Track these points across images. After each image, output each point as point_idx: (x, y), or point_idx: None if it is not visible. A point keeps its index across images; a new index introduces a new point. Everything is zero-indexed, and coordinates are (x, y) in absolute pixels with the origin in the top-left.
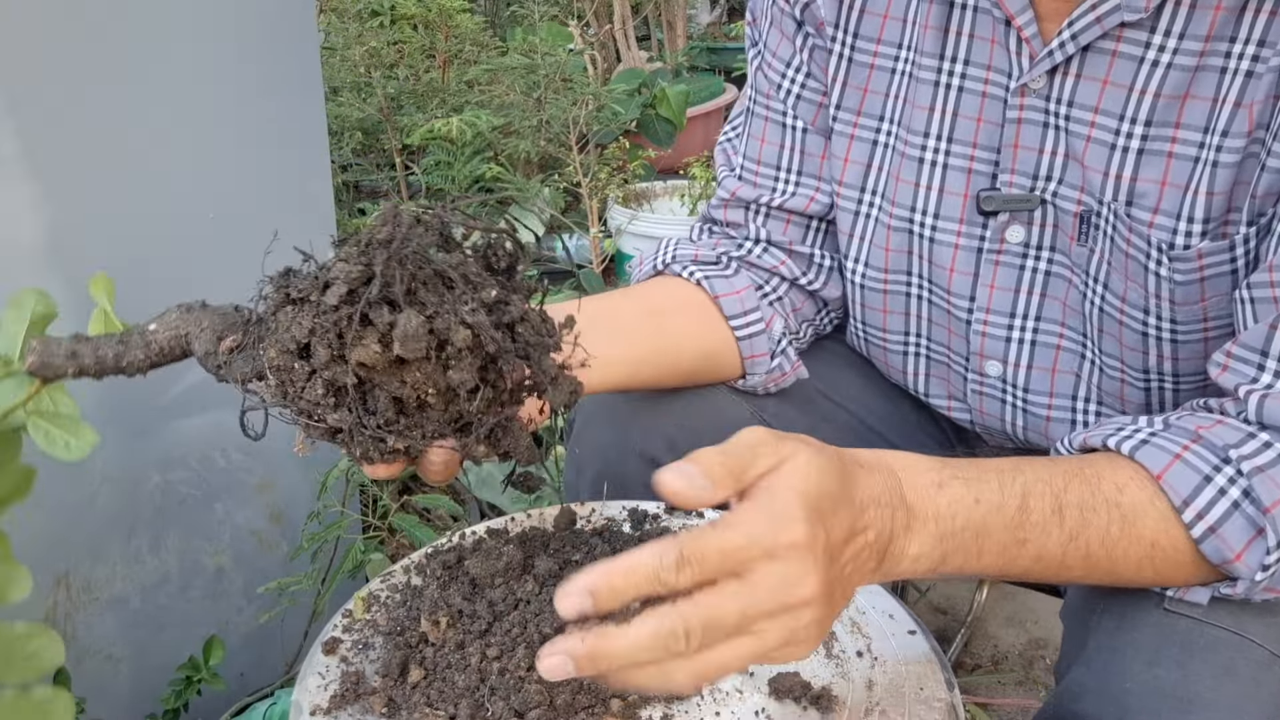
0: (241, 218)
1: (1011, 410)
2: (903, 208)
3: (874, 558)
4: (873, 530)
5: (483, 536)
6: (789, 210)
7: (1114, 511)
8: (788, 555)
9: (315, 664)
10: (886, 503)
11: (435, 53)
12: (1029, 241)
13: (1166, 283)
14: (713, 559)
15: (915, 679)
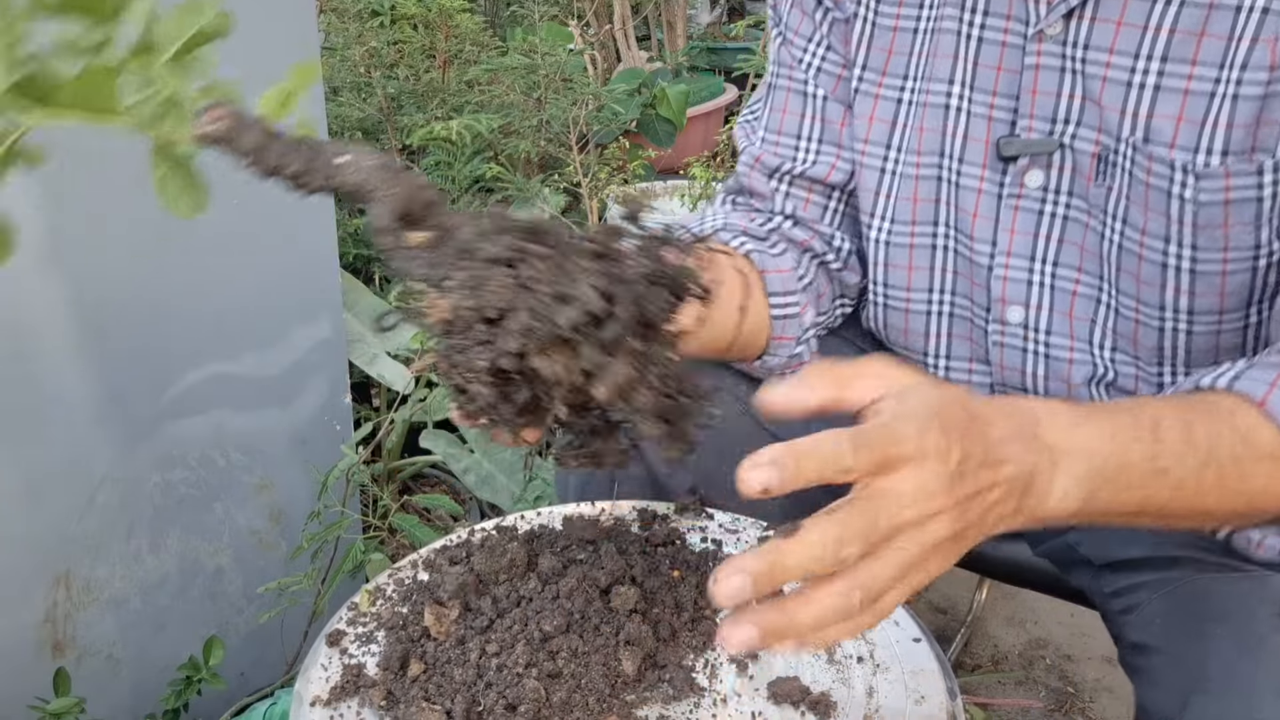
0: (241, 218)
1: (1033, 359)
2: (929, 154)
3: (1013, 497)
4: (1010, 466)
5: (491, 533)
6: (810, 179)
7: (1235, 433)
8: (930, 460)
9: (318, 655)
10: (1024, 440)
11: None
12: (1047, 185)
13: (1190, 205)
14: (881, 447)
15: (917, 687)
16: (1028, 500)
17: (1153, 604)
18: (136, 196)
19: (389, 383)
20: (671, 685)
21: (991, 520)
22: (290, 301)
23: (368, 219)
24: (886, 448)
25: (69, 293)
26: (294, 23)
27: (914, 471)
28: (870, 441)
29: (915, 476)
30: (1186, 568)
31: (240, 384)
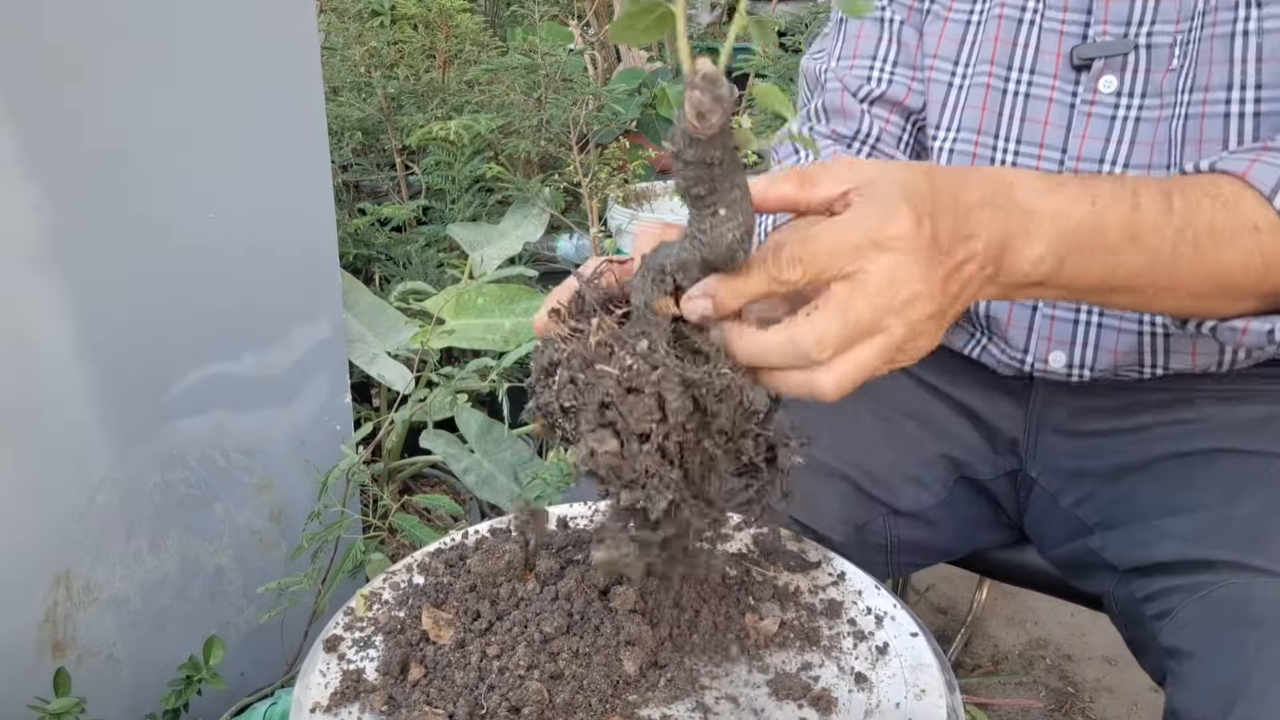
0: (241, 218)
1: None
2: (1000, 65)
3: (990, 263)
4: (982, 235)
5: (486, 535)
6: (889, 101)
7: (1216, 201)
8: (895, 245)
9: (316, 661)
10: (997, 205)
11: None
12: (1120, 89)
13: (1254, 37)
14: (821, 255)
15: (916, 682)
16: (1003, 265)
17: (1188, 608)
18: (136, 196)
19: (389, 383)
20: (674, 685)
21: (970, 291)
22: (290, 301)
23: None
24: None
25: (69, 293)
26: (294, 23)
27: (882, 260)
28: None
29: (884, 264)
30: (1221, 571)
31: (240, 384)
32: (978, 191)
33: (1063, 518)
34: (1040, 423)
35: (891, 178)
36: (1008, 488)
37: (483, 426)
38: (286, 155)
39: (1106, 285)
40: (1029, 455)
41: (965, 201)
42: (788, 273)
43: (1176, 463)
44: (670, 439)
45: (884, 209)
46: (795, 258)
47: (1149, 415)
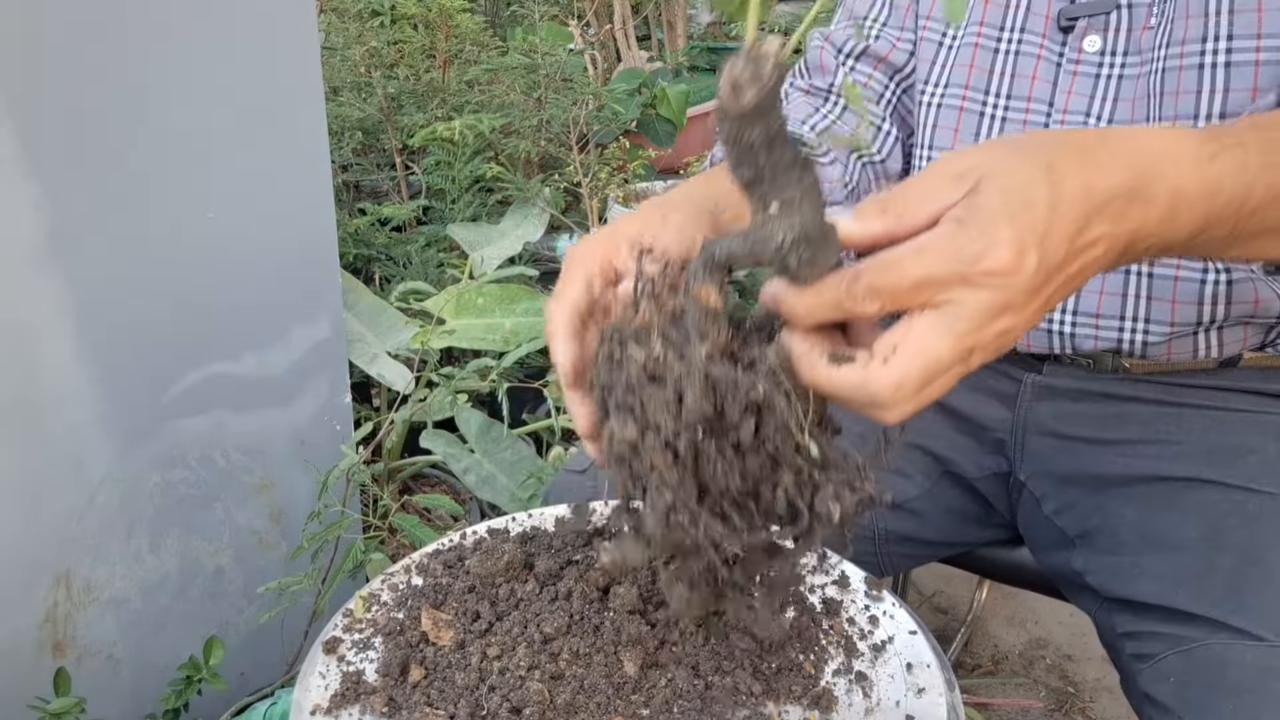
0: (241, 218)
1: None
2: (991, 26)
3: (1115, 253)
4: (1108, 236)
5: (483, 536)
6: (874, 57)
7: None
8: (989, 283)
9: (315, 663)
10: (1136, 195)
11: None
12: (1104, 49)
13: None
14: (903, 291)
15: (915, 680)
16: (1131, 253)
17: (1169, 660)
18: (137, 196)
19: (389, 383)
20: (673, 685)
21: (1080, 285)
22: (290, 301)
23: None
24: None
25: (69, 293)
26: (294, 23)
27: (971, 296)
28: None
29: (974, 301)
30: (1201, 626)
31: (240, 384)
32: (1118, 177)
33: (1046, 524)
34: (1027, 424)
35: (1001, 184)
36: (998, 488)
37: (483, 426)
38: (286, 155)
39: (1225, 242)
40: (1018, 458)
41: (1096, 196)
42: (863, 305)
43: (1157, 487)
44: (682, 439)
45: (983, 237)
46: (874, 289)
47: (1135, 428)
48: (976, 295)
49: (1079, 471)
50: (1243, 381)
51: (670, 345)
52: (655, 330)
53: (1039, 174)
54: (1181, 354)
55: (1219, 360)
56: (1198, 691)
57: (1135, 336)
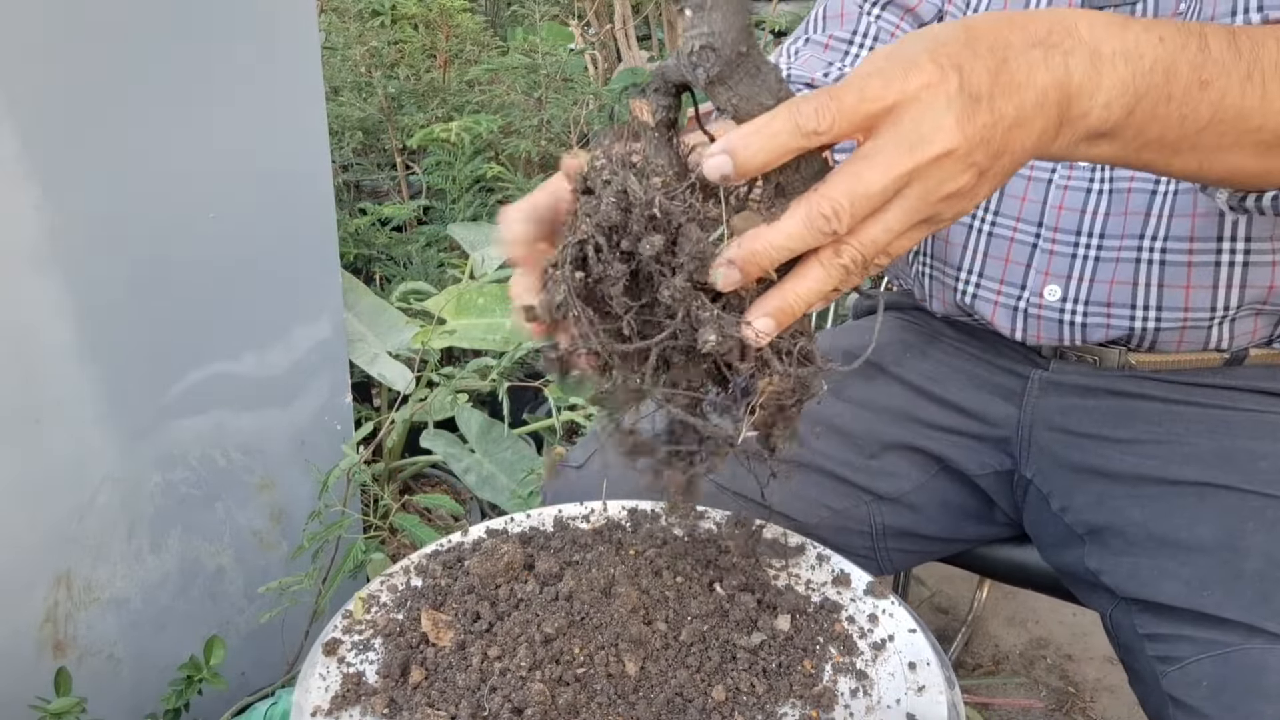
0: (242, 217)
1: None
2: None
3: (1048, 112)
4: (1036, 80)
5: (482, 536)
6: (901, 6)
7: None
8: (920, 97)
9: (315, 665)
10: (1054, 44)
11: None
12: None
13: None
14: (850, 104)
15: (915, 678)
16: (1068, 114)
17: (1201, 665)
18: (137, 196)
19: (390, 383)
20: (674, 686)
21: (1024, 145)
22: (290, 301)
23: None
24: (860, 102)
25: (69, 293)
26: (294, 23)
27: (903, 115)
28: (837, 96)
29: (904, 121)
30: (1234, 631)
31: (240, 384)
32: (1030, 31)
33: (1053, 521)
34: (1034, 420)
35: (921, 34)
36: (1000, 485)
37: (483, 426)
38: (286, 155)
39: (1175, 139)
40: (1023, 454)
41: (1012, 44)
42: (813, 122)
43: (1165, 489)
44: (589, 244)
45: (906, 63)
46: (821, 108)
47: (1142, 427)
48: (908, 114)
49: (1086, 467)
50: (1249, 381)
51: (612, 161)
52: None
53: (954, 27)
54: (1191, 345)
55: (1227, 356)
56: (1234, 696)
57: (1147, 325)
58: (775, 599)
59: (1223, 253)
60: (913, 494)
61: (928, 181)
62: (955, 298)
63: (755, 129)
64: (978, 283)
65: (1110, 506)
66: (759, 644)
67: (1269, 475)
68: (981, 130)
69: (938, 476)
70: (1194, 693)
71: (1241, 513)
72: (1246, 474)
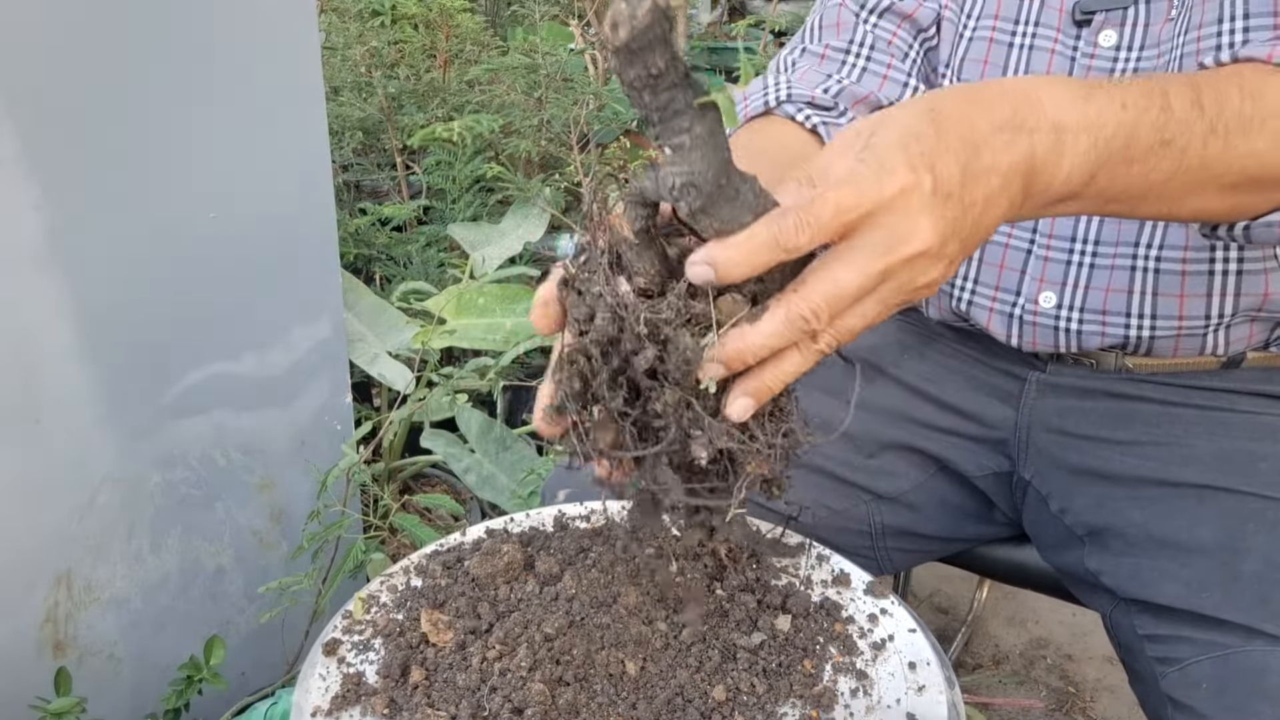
0: (242, 218)
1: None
2: (1005, 20)
3: (1014, 191)
4: (1003, 163)
5: (482, 536)
6: (898, 14)
7: (1244, 92)
8: (895, 205)
9: (315, 665)
10: (1020, 126)
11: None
12: (1120, 43)
13: None
14: (828, 215)
15: (915, 677)
16: (1032, 189)
17: (1201, 666)
18: (137, 196)
19: (389, 383)
20: (674, 686)
21: (991, 221)
22: (290, 301)
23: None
24: (836, 215)
25: (69, 293)
26: (294, 23)
27: (878, 223)
28: (814, 211)
29: (880, 228)
30: (1234, 633)
31: (240, 384)
32: (997, 114)
33: (1053, 522)
34: (1032, 421)
35: (890, 126)
36: (999, 487)
37: (483, 426)
38: (286, 155)
39: (1139, 192)
40: (1021, 456)
41: (980, 130)
42: (794, 238)
43: (1165, 491)
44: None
45: (880, 168)
46: (801, 221)
47: (1140, 428)
48: (884, 220)
49: (1084, 468)
50: (1246, 383)
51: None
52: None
53: (923, 114)
54: (1187, 351)
55: (1223, 359)
56: (1235, 698)
57: (1142, 333)
58: (775, 599)
59: (1216, 261)
60: (912, 493)
61: (902, 277)
62: (951, 304)
63: (737, 243)
64: (973, 289)
65: (1110, 508)
66: (759, 644)
67: (1268, 477)
68: (953, 224)
69: (936, 476)
70: (1194, 694)
71: (1241, 514)
72: (1246, 476)
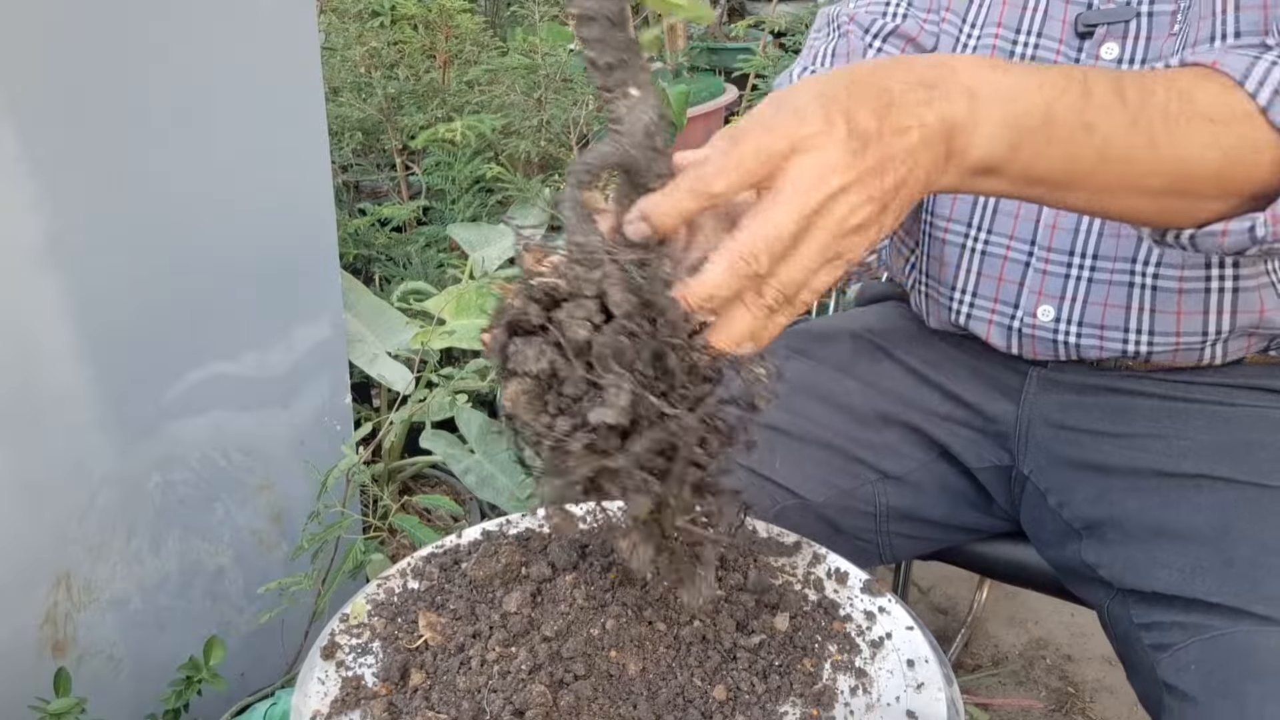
0: (241, 218)
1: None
2: (1008, 29)
3: (935, 146)
4: (919, 119)
5: (478, 538)
6: (902, 37)
7: (1170, 90)
8: (810, 145)
9: (314, 669)
10: (935, 86)
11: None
12: (1121, 57)
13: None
14: (749, 161)
15: (914, 675)
16: (953, 148)
17: (1190, 649)
18: (136, 196)
19: (389, 383)
20: (674, 686)
21: (916, 178)
22: (290, 301)
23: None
24: (755, 158)
25: (69, 293)
26: (294, 23)
27: (798, 162)
28: (733, 155)
29: (800, 167)
30: (1223, 615)
31: (240, 384)
32: (913, 73)
33: (1051, 517)
34: (1032, 416)
35: (808, 83)
36: (998, 480)
37: (483, 427)
38: (286, 155)
39: (1062, 178)
40: (1021, 452)
41: (894, 88)
42: (716, 183)
43: (1163, 482)
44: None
45: (796, 113)
46: (722, 167)
47: (1140, 422)
48: (801, 160)
49: (1084, 463)
50: (1247, 379)
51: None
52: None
53: (838, 76)
54: (1185, 362)
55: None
56: (1222, 678)
57: (1140, 348)
58: (773, 598)
59: (1212, 279)
60: (917, 472)
61: (833, 215)
62: (950, 316)
63: (665, 192)
64: (972, 301)
65: (1108, 500)
66: (758, 643)
67: (1266, 466)
68: (873, 164)
69: (940, 460)
70: (1184, 677)
71: (1237, 502)
72: (1244, 465)
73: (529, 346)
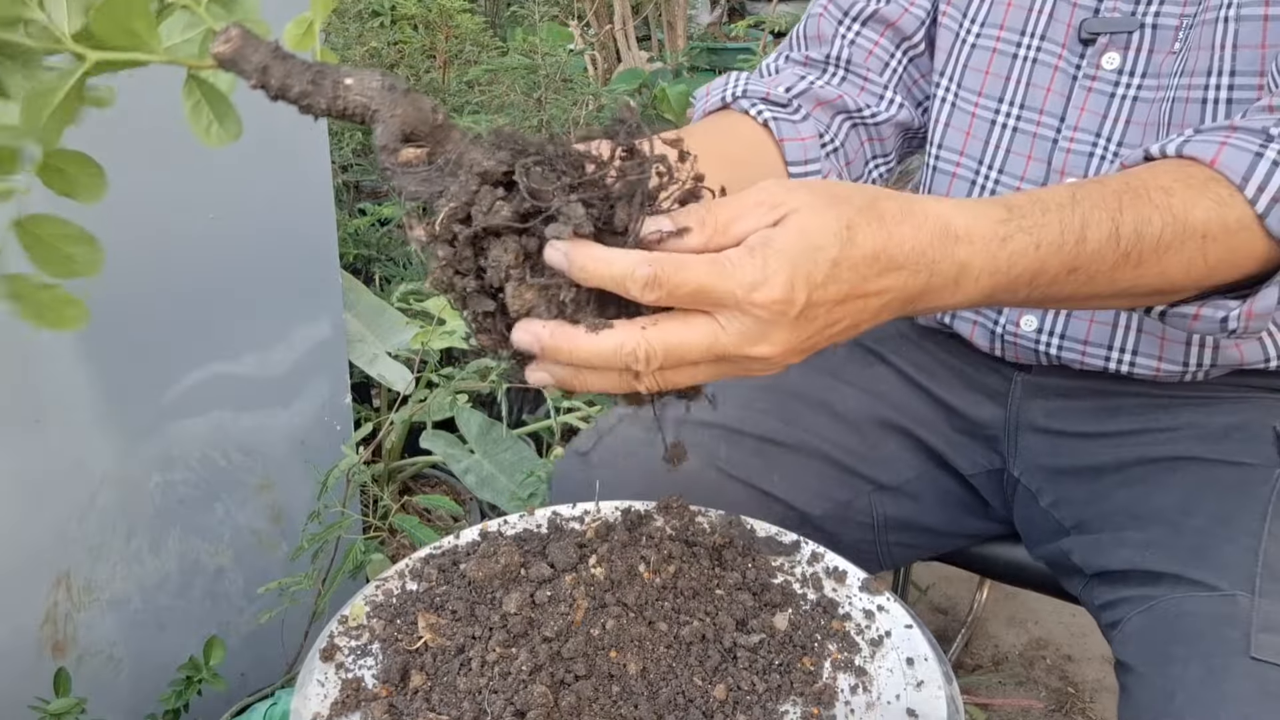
0: (241, 218)
1: None
2: (1012, 30)
3: (894, 307)
4: (892, 293)
5: (476, 539)
6: (882, 21)
7: (1166, 214)
8: (756, 313)
9: (313, 671)
10: (924, 263)
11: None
12: (1122, 68)
13: (1233, 24)
14: (685, 291)
15: (914, 674)
16: (916, 308)
17: (1132, 621)
18: (136, 196)
19: (389, 383)
20: (675, 685)
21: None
22: (290, 301)
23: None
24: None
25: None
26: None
27: (738, 317)
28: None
29: (742, 320)
30: (1165, 584)
31: (240, 384)
32: (909, 246)
33: (1042, 517)
34: (1019, 421)
35: (801, 225)
36: (992, 484)
37: (483, 427)
38: (286, 155)
39: (1034, 301)
40: (1011, 454)
41: (883, 261)
42: (643, 292)
43: (1144, 468)
44: None
45: (765, 269)
46: (657, 281)
47: (1126, 420)
48: (742, 320)
49: (1073, 465)
50: (1232, 376)
51: None
52: None
53: (838, 228)
54: (1168, 379)
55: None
56: (1155, 645)
57: (1121, 367)
58: (773, 597)
59: None
60: (914, 482)
61: (740, 366)
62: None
63: (599, 259)
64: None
65: (1097, 495)
66: (758, 642)
67: (1239, 445)
68: (804, 343)
69: (935, 468)
70: (1127, 650)
71: (1203, 480)
72: (1218, 445)
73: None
